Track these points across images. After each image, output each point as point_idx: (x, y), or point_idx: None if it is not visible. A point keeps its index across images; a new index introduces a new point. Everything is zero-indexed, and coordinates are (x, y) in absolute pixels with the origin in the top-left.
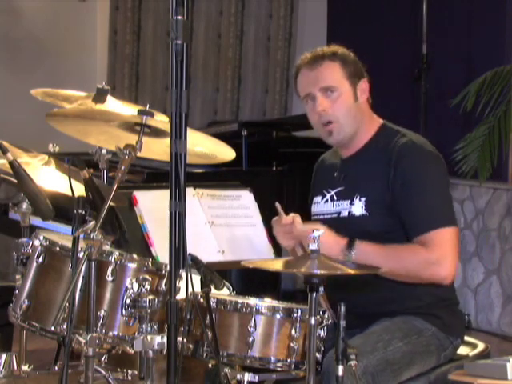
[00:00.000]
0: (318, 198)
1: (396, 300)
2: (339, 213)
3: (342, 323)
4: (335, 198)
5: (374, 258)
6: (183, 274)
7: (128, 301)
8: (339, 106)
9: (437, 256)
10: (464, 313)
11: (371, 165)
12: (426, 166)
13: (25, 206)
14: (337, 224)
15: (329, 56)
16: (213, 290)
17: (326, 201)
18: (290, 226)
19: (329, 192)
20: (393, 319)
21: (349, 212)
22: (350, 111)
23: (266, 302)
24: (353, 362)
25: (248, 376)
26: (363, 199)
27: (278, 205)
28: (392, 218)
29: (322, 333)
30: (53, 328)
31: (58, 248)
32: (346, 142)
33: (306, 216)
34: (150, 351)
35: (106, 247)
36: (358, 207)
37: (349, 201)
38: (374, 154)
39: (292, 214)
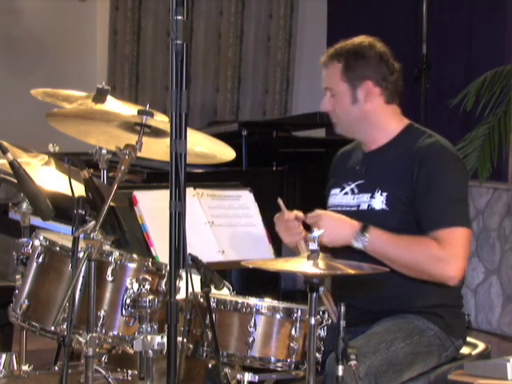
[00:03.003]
0: (335, 190)
1: (402, 298)
2: (358, 206)
3: (342, 323)
4: (356, 190)
5: (386, 245)
6: (183, 274)
7: (128, 301)
8: (337, 106)
9: (448, 254)
10: (465, 313)
11: (395, 161)
12: (449, 168)
13: (25, 206)
14: (355, 217)
15: (337, 55)
16: (213, 290)
17: (346, 193)
18: (291, 221)
19: (349, 185)
20: (394, 320)
21: (368, 205)
22: (348, 112)
23: (266, 302)
24: (353, 362)
25: (248, 376)
26: (384, 194)
27: (280, 201)
28: (410, 215)
29: (322, 333)
30: (53, 328)
31: (57, 248)
32: (359, 137)
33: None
34: (149, 351)
35: (106, 247)
36: (379, 201)
37: (369, 194)
38: (398, 152)
39: (295, 211)
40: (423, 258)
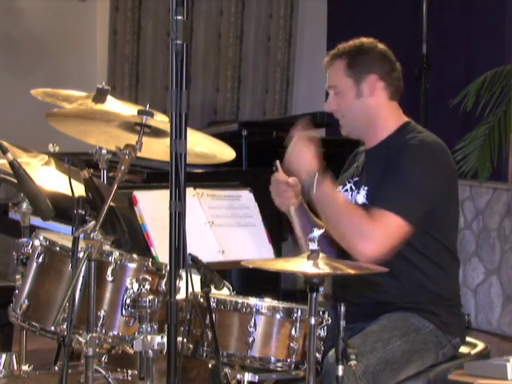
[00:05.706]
0: (339, 188)
1: (395, 291)
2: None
3: (342, 323)
4: (353, 187)
5: (328, 198)
6: (183, 274)
7: (128, 301)
8: (341, 103)
9: (369, 231)
10: (464, 313)
11: (381, 158)
12: (418, 161)
13: (25, 206)
14: None
15: (340, 54)
16: (213, 290)
17: (346, 190)
18: (281, 184)
19: (349, 182)
20: (390, 317)
21: (354, 200)
22: (352, 108)
23: (266, 302)
24: (353, 362)
25: (248, 376)
26: (366, 188)
27: (277, 162)
28: None
29: (322, 333)
30: (53, 328)
31: (58, 248)
32: (361, 135)
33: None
34: (149, 351)
35: (106, 247)
36: (361, 196)
37: (358, 190)
38: (387, 150)
39: (291, 178)
40: (349, 225)
